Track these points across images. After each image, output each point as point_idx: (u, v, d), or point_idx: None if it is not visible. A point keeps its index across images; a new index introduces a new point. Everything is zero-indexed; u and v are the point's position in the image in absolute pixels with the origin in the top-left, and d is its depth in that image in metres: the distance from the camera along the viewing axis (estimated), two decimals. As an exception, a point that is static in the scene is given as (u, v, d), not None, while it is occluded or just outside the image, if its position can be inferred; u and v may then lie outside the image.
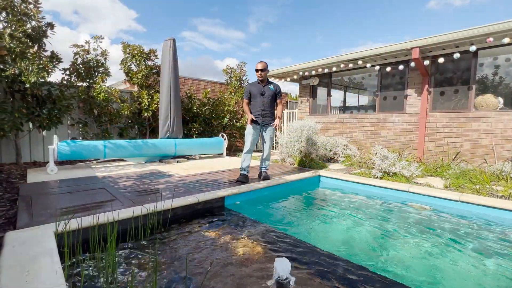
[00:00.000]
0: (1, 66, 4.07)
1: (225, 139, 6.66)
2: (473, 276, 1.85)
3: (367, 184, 3.98)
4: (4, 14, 4.38)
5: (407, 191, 3.57)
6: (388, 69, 5.68)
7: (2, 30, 4.24)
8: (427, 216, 2.97)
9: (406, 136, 5.68)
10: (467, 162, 4.82)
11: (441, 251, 2.19)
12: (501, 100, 4.69)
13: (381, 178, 4.14)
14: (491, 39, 4.19)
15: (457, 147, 5.00)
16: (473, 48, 4.46)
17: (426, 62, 5.05)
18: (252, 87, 3.87)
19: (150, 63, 6.71)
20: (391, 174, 4.16)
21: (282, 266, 1.59)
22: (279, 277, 1.57)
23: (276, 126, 3.87)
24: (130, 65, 6.60)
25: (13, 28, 4.34)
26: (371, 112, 6.34)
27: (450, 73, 5.23)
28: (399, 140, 5.77)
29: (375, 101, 6.25)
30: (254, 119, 3.79)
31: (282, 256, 1.76)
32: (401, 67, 5.48)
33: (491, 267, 1.95)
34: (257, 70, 3.75)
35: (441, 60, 4.85)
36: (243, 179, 3.70)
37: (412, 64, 5.18)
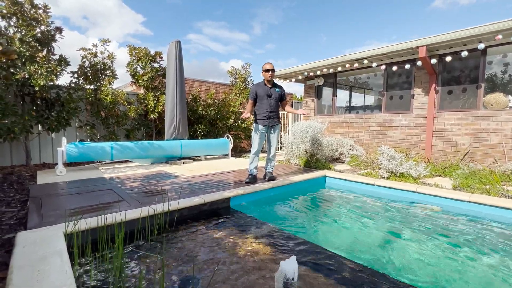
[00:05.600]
0: (12, 70, 4.16)
1: (230, 140, 6.68)
2: (486, 279, 1.81)
3: (374, 185, 3.94)
4: (14, 19, 4.49)
5: (415, 192, 3.52)
6: (394, 68, 5.63)
7: (12, 34, 4.35)
8: (435, 217, 2.92)
9: (413, 136, 5.61)
10: (476, 162, 4.73)
11: (450, 252, 2.15)
12: (511, 98, 4.60)
13: (388, 178, 4.09)
14: (500, 36, 4.12)
15: (465, 146, 4.92)
16: (481, 46, 4.38)
17: (433, 61, 4.98)
18: (258, 88, 3.84)
19: (155, 65, 6.78)
20: (398, 174, 4.12)
21: (289, 267, 1.58)
22: (285, 277, 1.56)
23: (302, 114, 3.87)
24: (136, 67, 6.69)
25: (23, 33, 4.45)
26: (377, 112, 6.28)
27: (458, 72, 5.14)
28: (406, 140, 5.70)
29: (381, 101, 6.19)
30: (248, 117, 3.79)
31: (288, 256, 1.76)
32: (407, 66, 5.41)
33: (506, 270, 1.91)
34: (267, 70, 3.73)
35: (448, 58, 4.78)
36: (252, 180, 3.71)
37: (419, 63, 5.11)
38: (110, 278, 1.63)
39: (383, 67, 5.78)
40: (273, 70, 3.75)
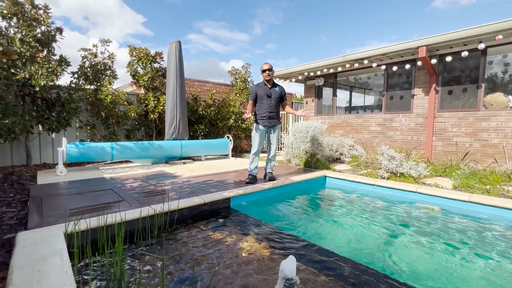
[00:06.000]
0: (12, 70, 4.17)
1: (230, 140, 6.68)
2: (483, 279, 1.81)
3: (374, 185, 3.94)
4: (15, 19, 4.50)
5: (415, 192, 3.52)
6: (395, 68, 5.62)
7: (13, 35, 4.36)
8: (435, 217, 2.92)
9: (413, 136, 5.60)
10: (477, 162, 4.73)
11: (451, 252, 2.15)
12: (511, 98, 4.59)
13: (388, 178, 4.09)
14: (500, 36, 4.12)
15: (466, 146, 4.91)
16: (481, 46, 4.38)
17: (433, 61, 4.98)
18: (258, 88, 3.85)
19: (156, 65, 6.78)
20: (398, 174, 4.12)
21: (288, 267, 1.58)
22: (285, 278, 1.56)
23: (302, 116, 3.86)
24: (137, 67, 6.69)
25: (23, 33, 4.45)
26: (378, 112, 6.28)
27: (458, 72, 5.14)
28: (406, 140, 5.70)
29: (381, 101, 6.19)
30: (249, 117, 3.81)
31: (288, 257, 1.76)
32: (407, 66, 5.41)
33: (505, 271, 1.91)
34: (264, 70, 3.74)
35: (448, 58, 4.78)
36: (252, 180, 3.71)
37: (419, 63, 5.11)
38: (110, 278, 1.63)
39: (383, 67, 5.78)
40: (270, 70, 3.74)
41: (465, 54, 4.56)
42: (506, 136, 4.49)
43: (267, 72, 3.74)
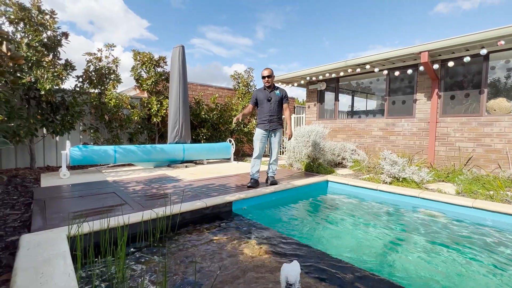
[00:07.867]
0: (18, 74, 4.23)
1: (232, 144, 6.70)
2: (488, 285, 1.80)
3: (376, 190, 3.92)
4: (22, 24, 4.58)
5: (418, 197, 3.50)
6: (397, 73, 5.64)
7: (19, 39, 4.43)
8: (438, 223, 2.90)
9: (416, 141, 5.59)
10: (480, 168, 4.70)
11: (453, 258, 2.13)
12: (514, 103, 4.58)
13: (390, 183, 4.07)
14: (502, 42, 4.12)
15: (469, 152, 4.89)
16: (484, 51, 4.39)
17: (436, 66, 4.99)
18: (259, 93, 3.93)
19: (159, 69, 6.85)
20: (400, 179, 4.10)
21: (290, 271, 1.58)
22: (287, 283, 1.56)
23: (289, 136, 4.00)
24: (140, 72, 6.76)
25: (30, 38, 4.53)
26: (380, 117, 6.28)
27: (460, 77, 5.14)
28: (409, 145, 5.68)
29: (383, 106, 6.19)
30: (240, 120, 4.01)
31: (289, 261, 1.75)
32: (409, 71, 5.42)
33: (506, 277, 1.89)
34: (263, 77, 3.81)
35: (451, 63, 4.79)
36: (254, 184, 3.72)
37: (421, 68, 5.12)
38: (113, 281, 1.64)
39: (386, 72, 5.79)
40: (268, 77, 3.80)
41: (467, 59, 4.56)
42: (510, 142, 4.46)
43: (265, 79, 3.82)
